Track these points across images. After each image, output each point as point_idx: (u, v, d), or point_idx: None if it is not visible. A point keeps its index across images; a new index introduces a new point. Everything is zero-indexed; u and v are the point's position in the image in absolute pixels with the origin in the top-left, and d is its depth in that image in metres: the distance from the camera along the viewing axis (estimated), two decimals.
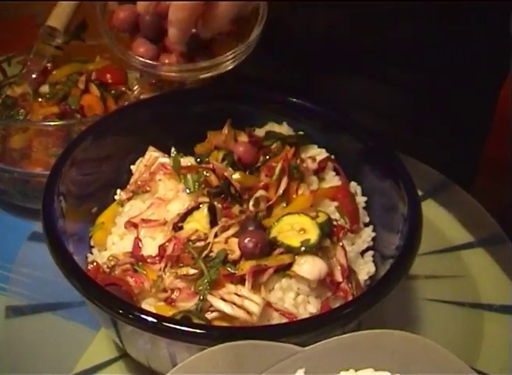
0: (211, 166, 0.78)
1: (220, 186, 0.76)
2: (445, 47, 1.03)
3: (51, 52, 1.01)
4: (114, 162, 0.83)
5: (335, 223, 0.76)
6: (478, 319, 0.81)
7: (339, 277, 0.72)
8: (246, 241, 0.69)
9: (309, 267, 0.70)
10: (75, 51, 1.06)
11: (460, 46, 1.03)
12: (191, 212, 0.74)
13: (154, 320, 0.62)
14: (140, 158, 0.83)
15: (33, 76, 1.00)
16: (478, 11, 1.00)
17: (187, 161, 0.81)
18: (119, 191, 0.82)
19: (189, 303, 0.68)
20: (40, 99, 0.99)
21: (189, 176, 0.77)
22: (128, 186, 0.81)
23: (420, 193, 0.78)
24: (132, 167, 0.83)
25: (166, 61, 0.87)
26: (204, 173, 0.77)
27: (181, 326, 0.62)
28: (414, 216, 0.73)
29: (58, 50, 1.03)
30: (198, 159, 0.80)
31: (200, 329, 0.62)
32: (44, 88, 1.00)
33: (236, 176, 0.76)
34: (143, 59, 0.81)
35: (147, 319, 0.62)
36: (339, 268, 0.73)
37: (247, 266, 0.69)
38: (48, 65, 1.03)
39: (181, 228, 0.74)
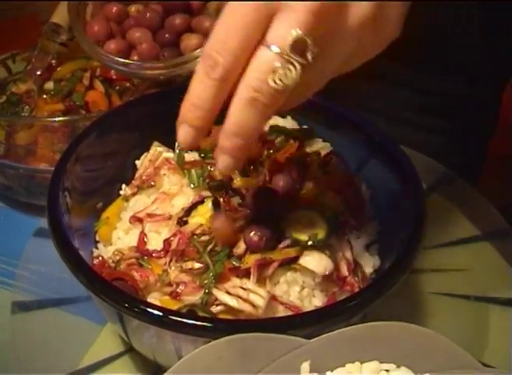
0: (214, 161, 0.76)
1: (222, 180, 0.76)
2: (447, 46, 1.02)
3: (55, 49, 1.02)
4: (118, 157, 0.83)
5: (341, 217, 0.76)
6: (483, 313, 0.80)
7: (345, 272, 0.72)
8: (251, 234, 0.69)
9: (315, 261, 0.70)
10: (79, 48, 1.05)
11: (462, 46, 1.03)
12: (196, 207, 0.74)
13: (160, 314, 0.62)
14: (145, 154, 0.83)
15: (38, 72, 1.01)
16: (480, 11, 0.99)
17: (191, 156, 0.80)
18: (124, 186, 0.82)
19: (194, 297, 0.68)
20: (44, 96, 1.00)
21: (193, 171, 0.77)
22: (133, 181, 0.81)
23: (424, 186, 0.77)
24: (137, 162, 0.83)
25: (135, 58, 0.89)
26: (209, 167, 0.77)
27: (186, 319, 0.62)
28: (418, 209, 0.73)
29: (62, 47, 1.03)
30: (202, 154, 0.80)
31: (205, 322, 0.62)
32: (49, 85, 1.01)
33: (237, 181, 0.76)
34: (115, 57, 0.81)
35: (152, 313, 0.62)
36: (345, 262, 0.73)
37: (251, 260, 0.69)
38: (53, 61, 1.04)
39: (186, 222, 0.74)
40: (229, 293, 0.68)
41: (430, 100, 1.08)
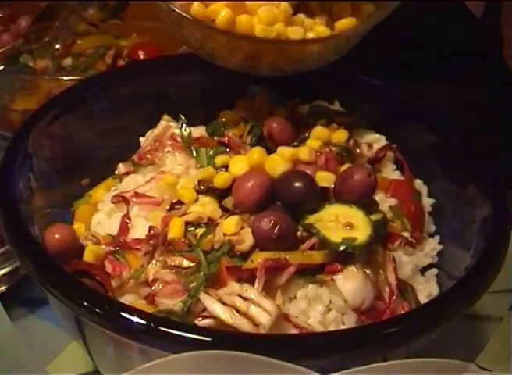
0: (225, 139, 0.65)
1: None
2: (446, 46, 0.98)
3: (80, 27, 0.94)
4: (121, 132, 0.72)
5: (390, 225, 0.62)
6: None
7: (385, 302, 0.57)
8: (261, 220, 0.55)
9: (353, 287, 0.56)
10: (111, 31, 0.96)
11: (461, 45, 0.99)
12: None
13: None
14: (152, 130, 0.70)
15: (57, 46, 0.91)
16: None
17: (199, 132, 0.68)
18: (120, 164, 0.69)
19: (173, 301, 0.54)
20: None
21: (202, 150, 0.65)
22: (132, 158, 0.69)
23: None
24: (141, 139, 0.71)
25: None
26: (223, 148, 0.66)
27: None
28: (497, 231, 0.59)
29: (91, 26, 0.94)
30: (210, 130, 0.68)
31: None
32: (67, 61, 0.90)
33: None
34: None
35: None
36: (387, 290, 0.58)
37: (259, 258, 0.54)
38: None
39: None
40: (222, 302, 0.53)
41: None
